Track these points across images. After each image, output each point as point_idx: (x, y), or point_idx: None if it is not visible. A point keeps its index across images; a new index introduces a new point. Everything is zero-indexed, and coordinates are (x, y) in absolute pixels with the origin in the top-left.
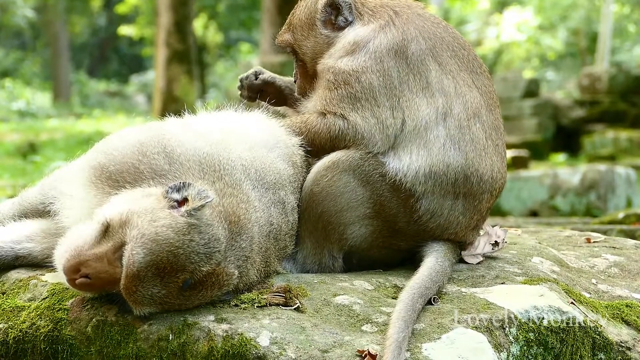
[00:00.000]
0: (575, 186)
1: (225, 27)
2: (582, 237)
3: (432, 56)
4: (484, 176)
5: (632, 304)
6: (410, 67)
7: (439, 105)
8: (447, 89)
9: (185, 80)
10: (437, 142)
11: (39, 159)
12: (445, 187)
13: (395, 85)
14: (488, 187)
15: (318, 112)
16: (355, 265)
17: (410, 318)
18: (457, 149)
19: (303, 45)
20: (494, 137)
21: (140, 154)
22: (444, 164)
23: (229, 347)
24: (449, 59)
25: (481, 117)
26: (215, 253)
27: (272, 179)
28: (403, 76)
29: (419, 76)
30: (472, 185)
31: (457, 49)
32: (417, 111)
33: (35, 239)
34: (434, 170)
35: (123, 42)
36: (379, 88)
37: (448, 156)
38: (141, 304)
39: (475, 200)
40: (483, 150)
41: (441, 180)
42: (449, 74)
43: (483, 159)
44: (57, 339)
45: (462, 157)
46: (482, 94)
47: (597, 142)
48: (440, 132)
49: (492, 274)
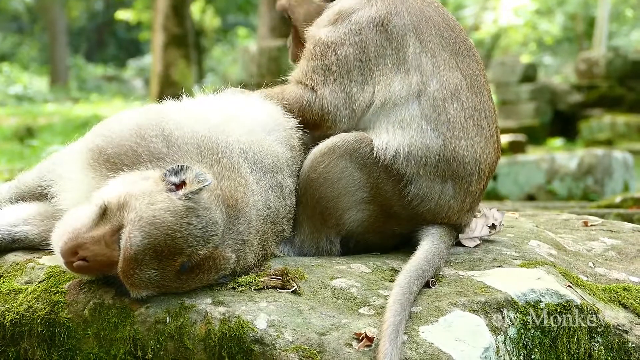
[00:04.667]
0: (572, 170)
1: (223, 11)
2: (580, 221)
3: (414, 32)
4: (466, 157)
5: (629, 287)
6: (390, 41)
7: (413, 82)
8: (424, 67)
9: (182, 65)
10: (412, 122)
11: (37, 143)
12: (430, 171)
13: (371, 58)
14: (474, 168)
15: (294, 82)
16: (351, 250)
17: (407, 301)
18: (433, 129)
19: (296, 10)
20: (476, 117)
21: (138, 136)
22: (423, 145)
23: (226, 330)
24: (432, 38)
25: (460, 98)
26: (212, 236)
27: (270, 163)
28: (380, 50)
29: (397, 51)
30: (455, 168)
31: (443, 30)
32: (388, 86)
33: (32, 222)
34: (414, 151)
35: (120, 26)
36: (354, 62)
37: (425, 137)
38: (138, 287)
39: (464, 182)
40: (461, 131)
41: (423, 162)
42: (429, 52)
43: (462, 140)
44: (54, 321)
45: (439, 139)
46: (465, 75)
47: (594, 126)
48: (415, 111)
49: (490, 257)
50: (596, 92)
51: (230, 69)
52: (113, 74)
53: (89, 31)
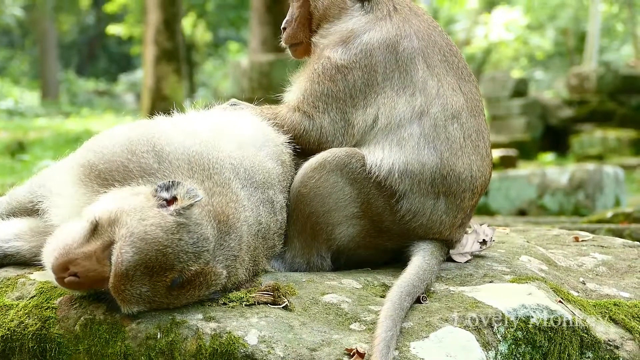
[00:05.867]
0: (563, 185)
1: (214, 25)
2: (571, 236)
3: (422, 56)
4: (462, 175)
5: (620, 302)
6: (399, 64)
7: (417, 104)
8: (430, 89)
9: (174, 79)
10: (410, 140)
11: (28, 157)
12: (424, 187)
13: (379, 81)
14: (468, 185)
15: (291, 107)
16: (342, 265)
17: (398, 316)
18: (431, 147)
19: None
20: (474, 138)
21: (129, 152)
22: (419, 162)
23: (217, 346)
24: (438, 62)
25: (460, 119)
26: (204, 252)
27: (261, 178)
28: (388, 72)
29: (405, 74)
30: (450, 185)
31: (448, 55)
32: (393, 109)
33: (23, 237)
34: (410, 168)
35: (112, 40)
36: (362, 86)
37: (422, 155)
38: (129, 302)
39: (457, 199)
40: (460, 150)
41: (418, 179)
42: (435, 76)
43: (460, 158)
44: (45, 337)
45: (436, 157)
46: (467, 99)
47: (585, 141)
48: (415, 130)
49: (481, 272)
50: (587, 107)
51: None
52: (104, 89)
53: (80, 45)
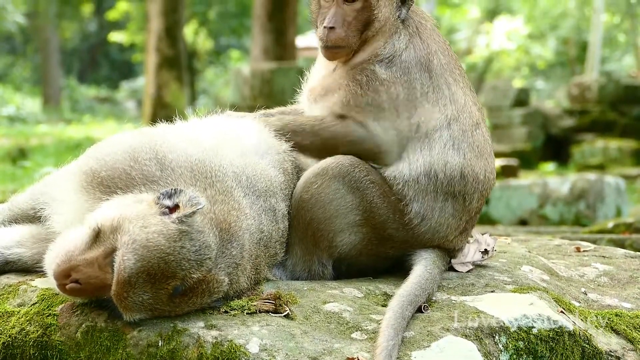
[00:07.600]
0: (564, 195)
1: (216, 33)
2: (572, 246)
3: (449, 72)
4: (479, 175)
5: (622, 313)
6: (432, 80)
7: (449, 113)
8: (460, 101)
9: (175, 87)
10: (439, 142)
11: (29, 164)
12: (439, 187)
13: (417, 96)
14: (480, 186)
15: (336, 113)
16: (344, 273)
17: (399, 326)
18: (456, 149)
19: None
20: (489, 144)
21: (132, 159)
22: (443, 161)
23: (218, 354)
24: (458, 76)
25: (481, 127)
26: (206, 260)
27: (263, 186)
28: (425, 88)
29: (438, 89)
30: (466, 184)
31: (461, 69)
32: (430, 120)
33: (25, 244)
34: (433, 168)
35: (113, 47)
36: (404, 100)
37: (447, 155)
38: (131, 310)
39: (466, 200)
40: (479, 153)
41: (436, 178)
42: (460, 89)
43: (479, 159)
44: (46, 344)
45: (460, 156)
46: (478, 110)
47: (586, 151)
48: (444, 134)
49: (482, 282)
50: (588, 117)
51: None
52: (106, 96)
53: (82, 52)
